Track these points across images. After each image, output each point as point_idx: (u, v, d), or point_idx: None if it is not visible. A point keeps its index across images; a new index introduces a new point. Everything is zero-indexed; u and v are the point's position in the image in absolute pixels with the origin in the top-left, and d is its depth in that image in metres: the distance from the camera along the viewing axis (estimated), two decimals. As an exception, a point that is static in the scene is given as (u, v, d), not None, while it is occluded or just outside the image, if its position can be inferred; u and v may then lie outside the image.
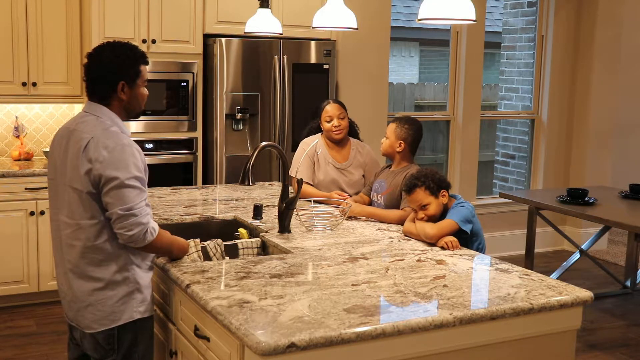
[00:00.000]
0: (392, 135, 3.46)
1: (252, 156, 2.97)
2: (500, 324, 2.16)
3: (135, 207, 2.25)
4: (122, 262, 2.36)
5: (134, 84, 2.39)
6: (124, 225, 2.25)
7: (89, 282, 2.36)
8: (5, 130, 5.22)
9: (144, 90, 2.44)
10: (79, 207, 2.32)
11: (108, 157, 2.25)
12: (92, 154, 2.26)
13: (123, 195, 2.24)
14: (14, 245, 4.70)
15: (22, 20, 4.87)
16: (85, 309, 2.38)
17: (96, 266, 2.34)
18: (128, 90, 2.38)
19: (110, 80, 2.35)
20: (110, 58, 2.35)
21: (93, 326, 2.38)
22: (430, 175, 3.01)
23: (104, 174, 2.24)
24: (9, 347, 4.19)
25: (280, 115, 5.24)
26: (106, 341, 2.40)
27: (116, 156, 2.25)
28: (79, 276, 2.37)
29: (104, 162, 2.24)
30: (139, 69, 2.39)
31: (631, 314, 5.12)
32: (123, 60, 2.35)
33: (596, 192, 5.28)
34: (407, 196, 3.06)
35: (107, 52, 2.36)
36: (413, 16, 10.43)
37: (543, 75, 6.78)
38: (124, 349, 2.42)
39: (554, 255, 6.67)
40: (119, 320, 2.38)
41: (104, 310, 2.36)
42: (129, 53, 2.37)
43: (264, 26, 4.11)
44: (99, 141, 2.27)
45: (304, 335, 1.87)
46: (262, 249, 3.00)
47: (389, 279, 2.41)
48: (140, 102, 2.44)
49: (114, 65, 2.34)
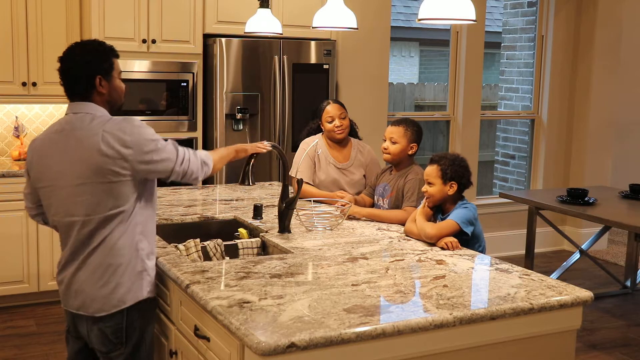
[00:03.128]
0: (402, 139, 3.40)
1: (252, 157, 2.98)
2: (500, 324, 2.16)
3: (176, 155, 2.45)
4: (131, 246, 2.39)
5: (110, 77, 2.45)
6: (179, 173, 2.45)
7: (99, 268, 2.37)
8: (5, 130, 5.22)
9: (121, 83, 2.51)
10: (84, 202, 2.34)
11: (129, 138, 2.32)
12: (114, 147, 2.31)
13: (162, 152, 2.39)
14: (14, 245, 4.70)
15: (22, 20, 4.88)
16: (96, 293, 2.37)
17: (107, 251, 2.36)
18: (106, 83, 2.43)
19: (87, 76, 2.40)
20: (81, 55, 2.41)
21: (105, 309, 2.38)
22: (452, 162, 3.02)
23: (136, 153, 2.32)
24: (9, 347, 4.19)
25: (280, 115, 5.24)
26: (115, 334, 2.41)
27: (135, 131, 2.34)
28: (90, 263, 2.38)
29: (129, 144, 2.31)
30: (112, 61, 2.46)
31: (631, 314, 5.12)
32: (94, 55, 2.42)
33: (596, 192, 5.28)
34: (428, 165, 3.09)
35: (77, 50, 2.42)
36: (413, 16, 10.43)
37: (543, 75, 6.78)
38: (133, 338, 2.43)
39: (554, 255, 6.67)
40: (126, 303, 2.39)
41: (117, 292, 2.38)
42: (99, 47, 2.45)
43: (264, 26, 4.11)
44: (110, 131, 2.32)
45: (304, 335, 1.87)
46: (262, 249, 3.00)
47: (389, 279, 2.41)
48: (120, 95, 2.50)
49: (87, 61, 2.40)
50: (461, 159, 3.07)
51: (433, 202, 3.03)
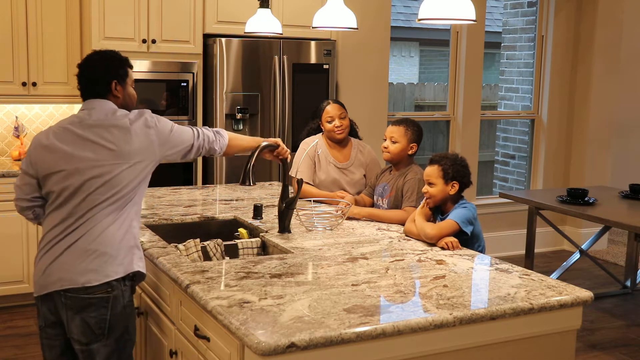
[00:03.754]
0: (403, 139, 3.41)
1: (253, 156, 2.97)
2: (500, 324, 2.16)
3: (197, 130, 2.69)
4: (128, 220, 2.47)
5: (125, 83, 2.59)
6: (199, 147, 2.68)
7: (94, 244, 2.41)
8: (5, 130, 5.22)
9: (133, 91, 2.65)
10: (101, 188, 2.43)
11: (154, 120, 2.54)
12: (142, 131, 2.49)
13: (182, 132, 2.63)
14: (14, 245, 4.70)
15: (22, 20, 4.87)
16: (87, 266, 2.38)
17: (105, 229, 2.42)
18: (120, 88, 2.57)
19: (105, 80, 2.54)
20: (100, 61, 2.57)
21: (98, 278, 2.38)
22: (454, 162, 3.02)
23: (158, 135, 2.53)
24: (9, 347, 4.19)
25: (280, 115, 5.24)
26: (98, 325, 2.39)
27: (160, 117, 2.58)
28: (86, 239, 2.42)
29: (154, 125, 2.52)
30: (126, 69, 2.61)
31: (631, 314, 5.12)
32: (112, 62, 2.57)
33: (596, 192, 5.28)
34: (427, 166, 3.09)
35: (96, 57, 2.59)
36: (413, 16, 10.43)
37: (543, 75, 6.78)
38: (116, 331, 2.42)
39: (554, 255, 6.67)
40: (118, 274, 2.41)
41: (111, 264, 2.40)
42: (116, 56, 2.61)
43: (264, 26, 4.11)
44: (135, 119, 2.51)
45: (304, 335, 1.87)
46: (262, 249, 3.00)
47: (389, 279, 2.41)
48: (132, 101, 2.64)
49: (105, 66, 2.55)
50: (461, 158, 3.07)
51: (434, 202, 3.03)
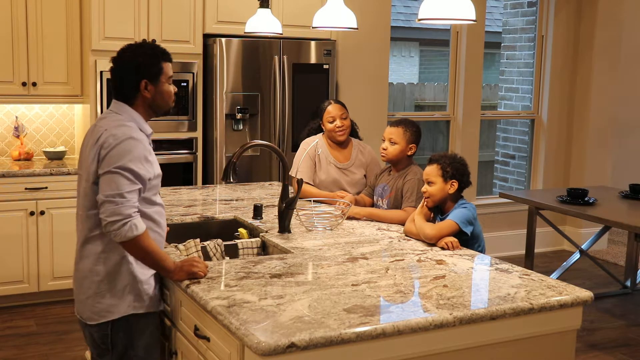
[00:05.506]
0: (401, 140, 3.41)
1: (236, 154, 2.97)
2: (500, 324, 2.16)
3: (120, 195, 2.26)
4: (119, 256, 2.39)
5: (157, 81, 2.47)
6: (105, 210, 2.26)
7: (89, 274, 2.42)
8: (5, 130, 5.22)
9: (169, 87, 2.52)
10: (85, 198, 2.40)
11: (112, 144, 2.32)
12: (101, 142, 2.34)
13: (111, 181, 2.28)
14: (14, 245, 4.70)
15: (22, 20, 4.87)
16: (86, 300, 2.43)
17: (95, 258, 2.40)
18: (152, 88, 2.46)
19: (132, 80, 2.44)
20: (130, 58, 2.45)
21: (94, 318, 2.43)
22: (452, 160, 3.02)
23: (103, 160, 2.31)
24: (9, 347, 4.19)
25: (280, 115, 5.24)
26: (101, 340, 2.44)
27: (120, 146, 2.32)
28: (81, 268, 2.44)
29: (107, 148, 2.32)
30: (161, 66, 2.47)
31: (631, 314, 5.12)
32: (144, 59, 2.44)
33: (596, 192, 5.28)
34: (427, 165, 3.09)
35: (127, 54, 2.47)
36: (413, 16, 10.43)
37: (543, 75, 6.78)
38: (119, 348, 2.44)
39: (554, 255, 6.67)
40: (113, 315, 2.41)
41: (102, 302, 2.40)
42: (149, 52, 2.47)
43: (264, 26, 4.11)
44: (110, 131, 2.35)
45: (304, 335, 1.87)
46: (262, 249, 3.00)
47: (389, 279, 2.41)
48: (166, 99, 2.51)
49: (133, 65, 2.43)
50: (460, 157, 3.08)
51: (433, 201, 3.03)
